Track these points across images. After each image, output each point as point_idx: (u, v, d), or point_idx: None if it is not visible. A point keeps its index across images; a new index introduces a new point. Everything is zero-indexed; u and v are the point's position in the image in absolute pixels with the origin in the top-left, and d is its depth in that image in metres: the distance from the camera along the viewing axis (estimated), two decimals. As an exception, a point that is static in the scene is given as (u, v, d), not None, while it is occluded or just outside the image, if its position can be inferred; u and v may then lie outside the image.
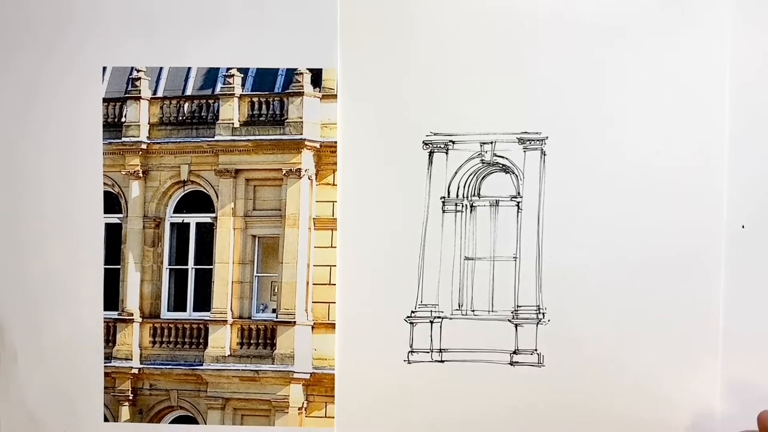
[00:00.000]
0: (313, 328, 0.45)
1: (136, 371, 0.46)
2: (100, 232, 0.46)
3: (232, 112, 0.46)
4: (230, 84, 0.45)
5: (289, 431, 0.45)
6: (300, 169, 0.45)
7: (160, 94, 0.46)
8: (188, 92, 0.46)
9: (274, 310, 0.45)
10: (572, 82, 0.43)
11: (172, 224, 0.47)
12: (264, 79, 0.45)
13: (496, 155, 0.44)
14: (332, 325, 0.44)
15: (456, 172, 0.44)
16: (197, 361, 0.46)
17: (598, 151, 0.43)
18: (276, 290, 0.45)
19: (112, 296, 0.46)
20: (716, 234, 0.43)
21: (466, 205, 0.44)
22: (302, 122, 0.45)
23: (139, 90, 0.46)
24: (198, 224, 0.46)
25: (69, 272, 0.46)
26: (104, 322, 0.46)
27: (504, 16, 0.43)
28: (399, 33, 0.44)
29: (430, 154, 0.44)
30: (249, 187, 0.46)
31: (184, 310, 0.46)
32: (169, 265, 0.46)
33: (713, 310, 0.43)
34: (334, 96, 0.44)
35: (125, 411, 0.46)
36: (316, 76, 0.44)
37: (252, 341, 0.45)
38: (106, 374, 0.46)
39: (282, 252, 0.45)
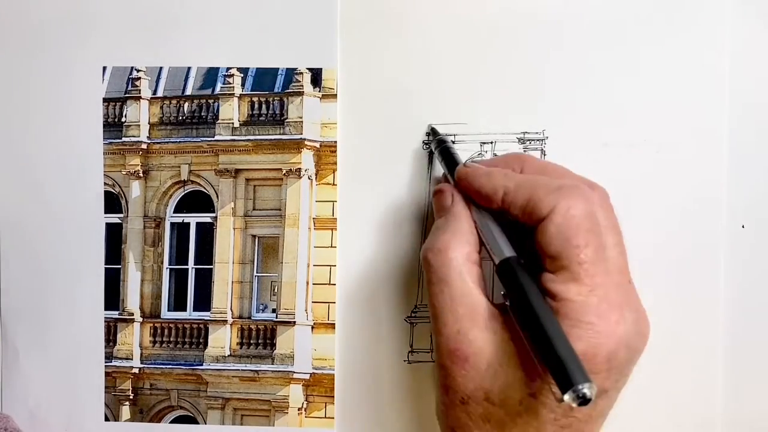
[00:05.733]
0: (313, 328, 0.45)
1: (136, 371, 0.46)
2: (101, 232, 0.46)
3: (232, 111, 0.46)
4: (230, 84, 0.45)
5: None
6: (300, 168, 0.45)
7: (160, 94, 0.46)
8: (188, 92, 0.46)
9: (274, 310, 0.45)
10: (572, 82, 0.43)
11: (173, 224, 0.47)
12: (264, 78, 0.45)
13: (496, 155, 0.44)
14: (332, 325, 0.45)
15: (456, 172, 0.44)
16: (197, 361, 0.46)
17: (597, 151, 0.43)
18: (276, 290, 0.45)
19: (112, 296, 0.46)
20: (716, 234, 0.43)
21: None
22: (302, 122, 0.45)
23: (139, 90, 0.46)
24: (198, 224, 0.46)
25: (70, 272, 0.46)
26: (105, 321, 0.46)
27: (504, 17, 0.43)
28: (399, 33, 0.44)
29: (430, 154, 0.44)
30: (249, 187, 0.46)
31: (185, 309, 0.46)
32: (170, 264, 0.46)
33: (713, 310, 0.43)
34: (334, 96, 0.44)
35: (126, 410, 0.46)
36: (316, 75, 0.44)
37: (252, 341, 0.45)
38: (107, 374, 0.46)
39: (282, 252, 0.45)
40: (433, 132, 0.43)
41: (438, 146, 0.42)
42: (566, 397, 0.28)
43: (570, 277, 0.32)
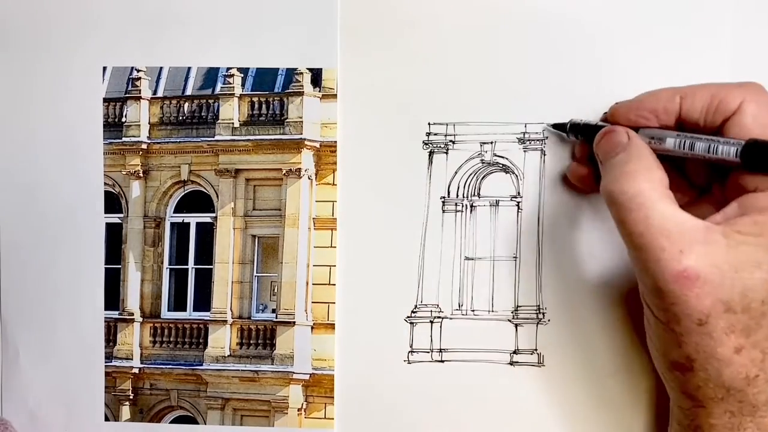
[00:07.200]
0: (312, 328, 0.45)
1: (136, 371, 0.46)
2: (101, 232, 0.46)
3: (232, 111, 0.46)
4: (230, 84, 0.45)
5: (288, 432, 0.45)
6: (300, 168, 0.45)
7: (160, 94, 0.46)
8: (188, 92, 0.46)
9: (273, 310, 0.45)
10: (572, 82, 0.43)
11: (173, 224, 0.47)
12: (264, 78, 0.45)
13: (496, 155, 0.44)
14: (332, 326, 0.45)
15: (456, 172, 0.44)
16: (197, 361, 0.46)
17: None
18: (276, 290, 0.45)
19: (112, 296, 0.46)
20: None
21: (466, 205, 0.44)
22: (302, 122, 0.45)
23: (139, 90, 0.46)
24: (198, 224, 0.46)
25: (70, 272, 0.46)
26: (105, 321, 0.46)
27: (504, 17, 0.43)
28: (399, 33, 0.44)
29: (430, 154, 0.44)
30: (249, 187, 0.46)
31: (185, 309, 0.46)
32: (170, 264, 0.46)
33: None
34: (334, 96, 0.44)
35: (126, 410, 0.46)
36: (316, 76, 0.44)
37: (252, 341, 0.45)
38: (107, 374, 0.46)
39: (282, 252, 0.45)
40: (558, 127, 0.42)
41: (573, 130, 0.41)
42: None
43: None
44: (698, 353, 0.33)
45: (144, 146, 0.46)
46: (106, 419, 0.46)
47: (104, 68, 0.45)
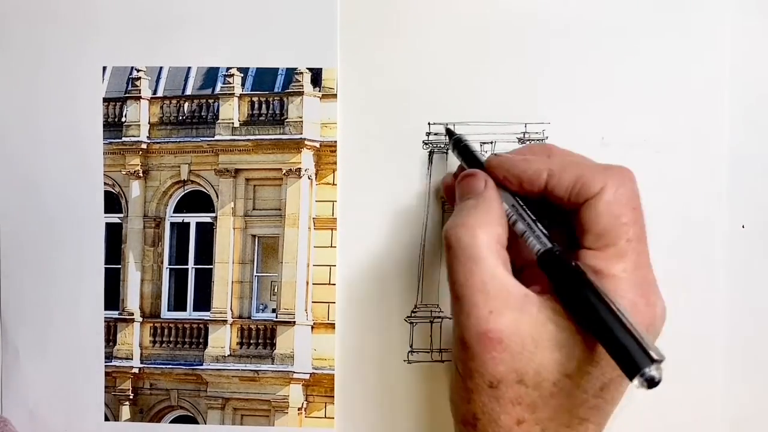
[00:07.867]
0: (312, 328, 0.45)
1: (136, 371, 0.46)
2: (101, 231, 0.46)
3: (231, 111, 0.46)
4: (230, 84, 0.45)
5: None
6: (300, 168, 0.45)
7: (160, 93, 0.46)
8: (188, 92, 0.46)
9: (273, 310, 0.45)
10: (572, 83, 0.43)
11: (173, 224, 0.47)
12: (264, 78, 0.45)
13: (496, 155, 0.44)
14: (332, 325, 0.45)
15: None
16: (197, 361, 0.46)
17: (597, 151, 0.43)
18: (276, 290, 0.45)
19: (112, 296, 0.46)
20: (716, 234, 0.43)
21: (466, 205, 0.44)
22: (302, 122, 0.45)
23: (139, 90, 0.46)
24: (198, 224, 0.46)
25: (70, 272, 0.46)
26: (105, 321, 0.46)
27: (504, 18, 0.43)
28: (399, 33, 0.44)
29: (430, 154, 0.44)
30: (249, 187, 0.46)
31: (185, 309, 0.46)
32: (170, 264, 0.46)
33: (713, 310, 0.43)
34: (334, 96, 0.44)
35: (126, 410, 0.46)
36: (316, 75, 0.44)
37: (252, 341, 0.46)
38: (107, 373, 0.46)
39: (282, 252, 0.45)
40: (448, 132, 0.43)
41: (456, 146, 0.41)
42: (635, 382, 0.29)
43: (616, 253, 0.32)
44: (483, 414, 0.33)
45: (144, 146, 0.46)
46: (106, 419, 0.46)
47: (104, 68, 0.45)
